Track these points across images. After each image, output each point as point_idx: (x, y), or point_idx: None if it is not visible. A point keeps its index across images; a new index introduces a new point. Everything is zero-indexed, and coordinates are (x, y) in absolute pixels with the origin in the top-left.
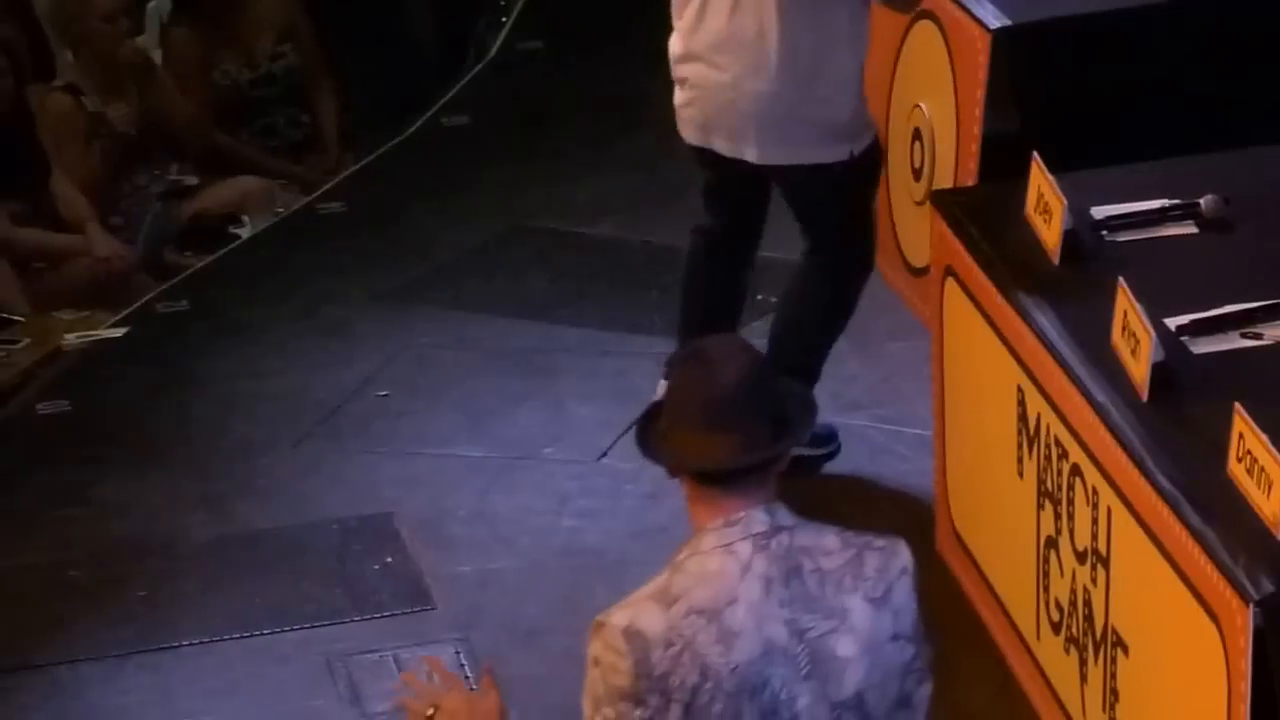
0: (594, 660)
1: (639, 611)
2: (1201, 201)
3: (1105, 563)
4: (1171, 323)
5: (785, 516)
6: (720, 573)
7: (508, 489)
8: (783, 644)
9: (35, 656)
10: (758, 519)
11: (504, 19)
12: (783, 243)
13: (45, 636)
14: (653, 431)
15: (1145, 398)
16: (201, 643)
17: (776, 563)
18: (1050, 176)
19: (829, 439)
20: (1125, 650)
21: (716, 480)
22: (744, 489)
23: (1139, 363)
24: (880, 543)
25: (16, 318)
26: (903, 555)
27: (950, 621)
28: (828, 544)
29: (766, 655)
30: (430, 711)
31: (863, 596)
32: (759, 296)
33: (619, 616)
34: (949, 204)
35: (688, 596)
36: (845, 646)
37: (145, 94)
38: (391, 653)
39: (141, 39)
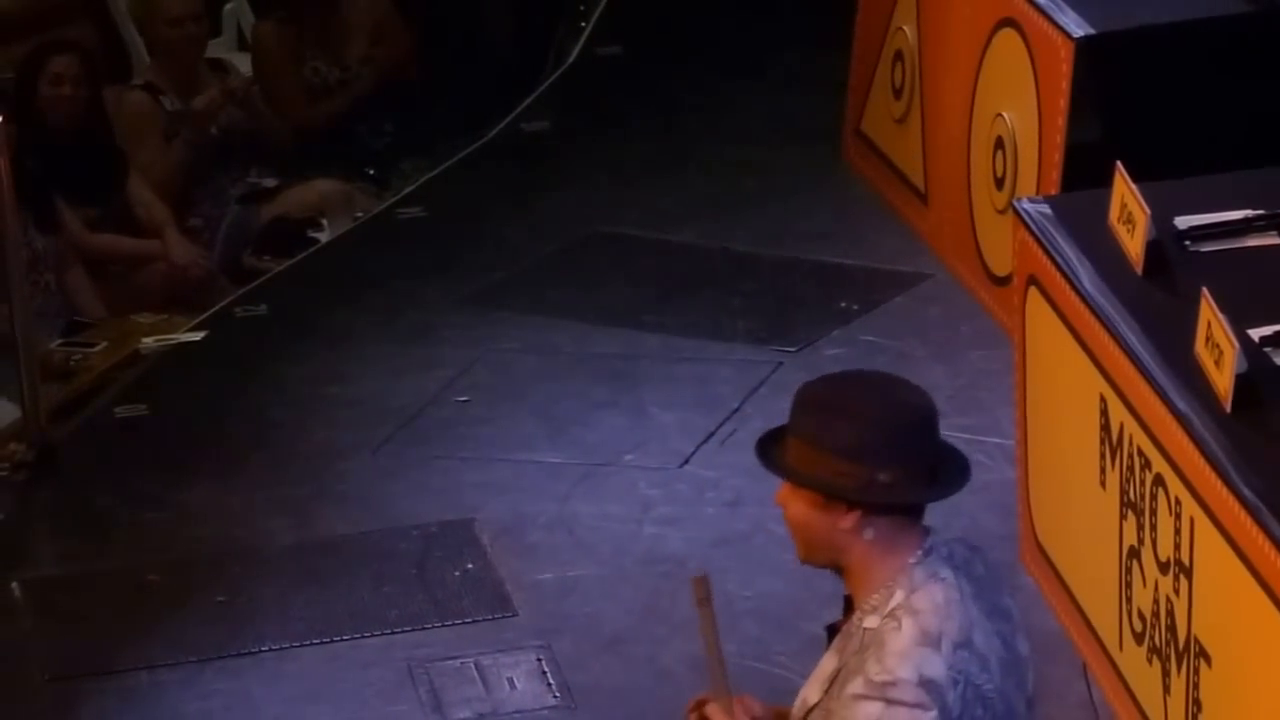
0: None
1: (919, 660)
2: None
3: (1188, 573)
4: (1255, 334)
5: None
6: (949, 602)
7: (589, 496)
8: (1002, 656)
9: (115, 662)
10: (938, 542)
11: (583, 24)
12: (861, 250)
13: (125, 642)
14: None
15: (1228, 408)
16: (282, 648)
17: (968, 580)
18: (1134, 186)
19: None
20: (1208, 661)
21: (918, 511)
22: (921, 515)
23: (1222, 373)
24: (969, 543)
25: (93, 321)
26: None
27: (1033, 633)
28: (965, 551)
29: (1004, 671)
30: None
31: (1006, 593)
32: (841, 305)
33: (902, 672)
34: (1032, 213)
35: (946, 633)
36: (1023, 644)
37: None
38: (473, 659)
39: (217, 41)
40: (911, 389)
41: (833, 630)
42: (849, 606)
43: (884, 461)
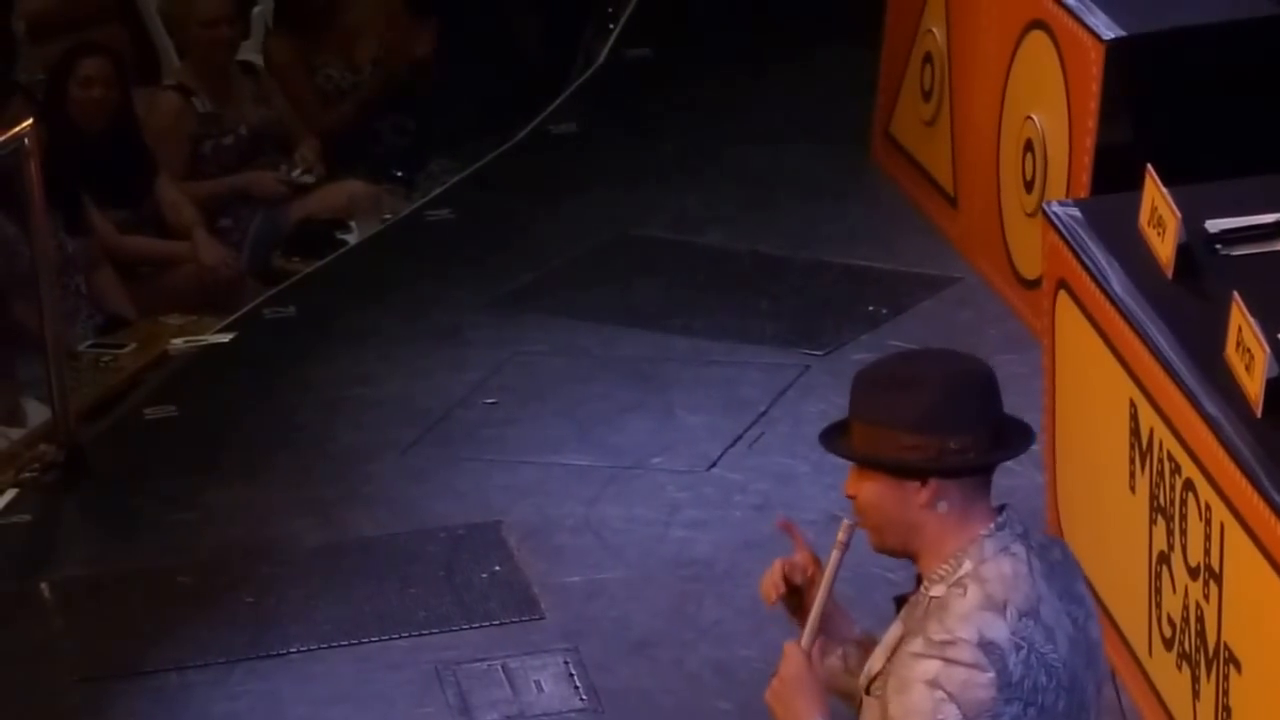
0: (931, 682)
1: (982, 623)
2: None
3: (1218, 579)
4: None
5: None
6: (1017, 575)
7: (616, 498)
8: (1073, 635)
9: (144, 662)
10: (1012, 519)
11: (612, 27)
12: (889, 253)
13: (154, 642)
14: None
15: (1259, 413)
16: (310, 650)
17: (1041, 559)
18: (1164, 189)
19: None
20: (1238, 667)
21: (986, 472)
22: (990, 486)
23: (1253, 378)
24: (1050, 535)
25: (123, 322)
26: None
27: None
28: (1043, 536)
29: (1072, 647)
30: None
31: (1081, 581)
32: (869, 308)
33: (963, 632)
34: (1061, 216)
35: (1012, 601)
36: (1095, 630)
37: (256, 97)
38: (500, 662)
39: (247, 43)
40: (967, 357)
41: (900, 601)
42: (919, 581)
43: (953, 429)
